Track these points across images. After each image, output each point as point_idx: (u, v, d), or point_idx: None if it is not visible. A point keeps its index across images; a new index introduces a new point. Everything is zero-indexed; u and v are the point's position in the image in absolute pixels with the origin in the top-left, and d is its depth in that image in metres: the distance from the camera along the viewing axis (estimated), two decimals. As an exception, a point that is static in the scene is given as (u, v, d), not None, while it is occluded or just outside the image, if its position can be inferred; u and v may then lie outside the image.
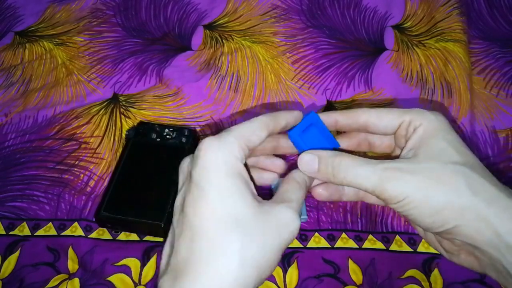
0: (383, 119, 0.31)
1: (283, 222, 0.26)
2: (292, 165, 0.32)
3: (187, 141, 0.43)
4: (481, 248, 0.26)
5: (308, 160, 0.30)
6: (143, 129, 0.47)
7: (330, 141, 0.37)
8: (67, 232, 0.44)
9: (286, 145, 0.33)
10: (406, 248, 0.43)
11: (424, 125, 0.29)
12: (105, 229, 0.44)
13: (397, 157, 0.30)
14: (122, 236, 0.43)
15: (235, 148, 0.26)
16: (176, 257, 0.25)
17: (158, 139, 0.44)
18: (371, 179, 0.27)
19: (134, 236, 0.43)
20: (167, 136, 0.43)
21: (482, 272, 0.28)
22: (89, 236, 0.43)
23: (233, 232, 0.24)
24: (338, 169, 0.29)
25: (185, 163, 0.29)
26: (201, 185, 0.25)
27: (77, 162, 0.49)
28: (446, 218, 0.26)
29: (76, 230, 0.44)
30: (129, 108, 0.54)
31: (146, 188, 0.38)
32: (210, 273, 0.24)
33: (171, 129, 0.45)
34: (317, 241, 0.43)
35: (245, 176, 0.27)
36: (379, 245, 0.43)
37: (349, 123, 0.32)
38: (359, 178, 0.28)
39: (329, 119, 0.33)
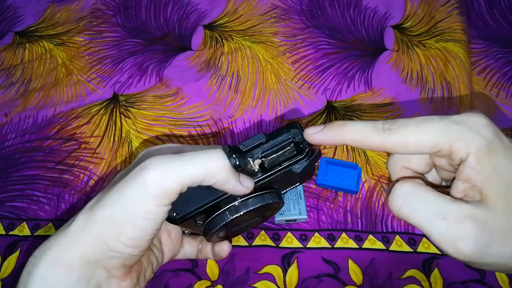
0: (409, 147, 0.25)
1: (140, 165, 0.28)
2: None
3: None
4: None
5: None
6: None
7: (350, 165, 0.46)
8: (67, 232, 0.44)
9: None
10: (406, 248, 0.43)
11: (476, 154, 0.23)
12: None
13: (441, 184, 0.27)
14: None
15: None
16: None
17: None
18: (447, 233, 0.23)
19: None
20: None
21: None
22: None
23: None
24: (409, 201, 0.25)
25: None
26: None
27: (77, 162, 0.49)
28: None
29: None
30: (129, 108, 0.54)
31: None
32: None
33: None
34: (317, 241, 0.43)
35: None
36: (379, 245, 0.43)
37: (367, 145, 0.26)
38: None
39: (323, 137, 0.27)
